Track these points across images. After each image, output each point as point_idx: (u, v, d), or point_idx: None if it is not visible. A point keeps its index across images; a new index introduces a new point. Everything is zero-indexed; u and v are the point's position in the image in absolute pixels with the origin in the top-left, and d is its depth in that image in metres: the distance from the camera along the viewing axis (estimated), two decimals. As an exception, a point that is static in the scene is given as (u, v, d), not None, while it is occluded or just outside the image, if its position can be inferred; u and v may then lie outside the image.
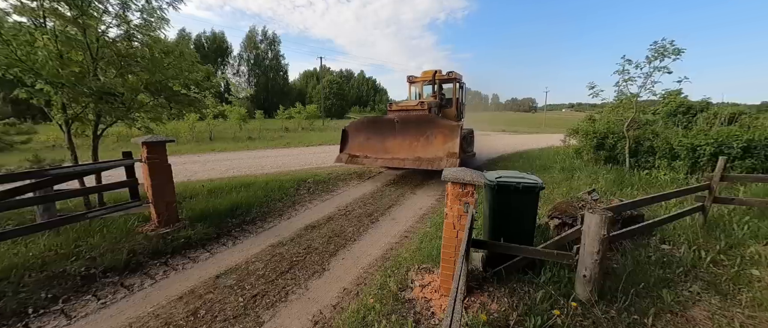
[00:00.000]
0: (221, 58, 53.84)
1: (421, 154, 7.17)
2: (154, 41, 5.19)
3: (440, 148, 7.07)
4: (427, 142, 7.29)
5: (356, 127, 8.20)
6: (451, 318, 1.40)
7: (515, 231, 3.65)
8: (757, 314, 2.88)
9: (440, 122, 7.39)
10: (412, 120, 7.63)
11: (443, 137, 7.12)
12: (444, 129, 7.20)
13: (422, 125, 7.48)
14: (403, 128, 7.65)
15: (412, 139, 7.48)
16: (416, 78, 10.48)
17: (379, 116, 8.27)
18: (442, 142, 7.12)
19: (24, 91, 4.48)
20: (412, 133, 7.53)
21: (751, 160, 6.72)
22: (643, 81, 7.77)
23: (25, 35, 4.25)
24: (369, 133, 8.01)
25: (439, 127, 7.30)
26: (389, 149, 7.62)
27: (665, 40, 7.24)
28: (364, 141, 8.00)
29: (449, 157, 6.74)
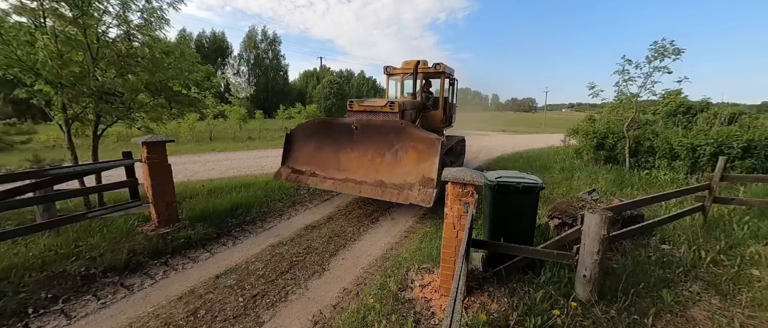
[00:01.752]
0: (221, 58, 53.89)
1: (386, 176, 4.98)
2: (154, 41, 5.19)
3: (412, 171, 4.85)
4: (395, 160, 5.03)
5: (306, 132, 5.83)
6: (451, 318, 1.40)
7: (515, 231, 3.65)
8: (757, 314, 2.88)
9: (414, 133, 4.96)
10: (377, 127, 5.28)
11: (417, 155, 4.89)
12: (419, 143, 4.91)
13: (390, 135, 5.12)
14: (363, 137, 5.31)
15: (375, 153, 5.22)
16: (395, 70, 8.04)
17: (337, 119, 5.81)
18: (414, 161, 4.89)
19: (24, 91, 4.49)
20: (375, 146, 5.23)
21: (751, 161, 6.73)
22: (643, 81, 7.79)
23: (26, 35, 4.25)
24: (321, 141, 5.70)
25: (412, 139, 4.96)
26: (344, 166, 5.39)
27: (665, 40, 7.25)
28: (313, 151, 5.73)
29: (423, 186, 4.61)
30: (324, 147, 5.65)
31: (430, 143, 4.77)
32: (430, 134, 4.81)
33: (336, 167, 5.42)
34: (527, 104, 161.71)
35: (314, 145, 5.76)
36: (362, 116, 6.08)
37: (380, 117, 5.94)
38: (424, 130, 4.93)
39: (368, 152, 5.25)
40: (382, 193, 4.82)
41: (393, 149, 5.08)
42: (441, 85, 8.07)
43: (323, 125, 5.77)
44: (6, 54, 4.03)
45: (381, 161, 5.12)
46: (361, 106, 6.24)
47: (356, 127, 5.30)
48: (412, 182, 4.73)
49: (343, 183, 5.16)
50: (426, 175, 4.67)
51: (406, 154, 4.98)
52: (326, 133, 5.66)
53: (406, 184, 4.77)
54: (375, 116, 6.02)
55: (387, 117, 5.88)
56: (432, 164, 4.66)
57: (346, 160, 5.40)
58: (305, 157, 5.77)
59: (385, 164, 5.09)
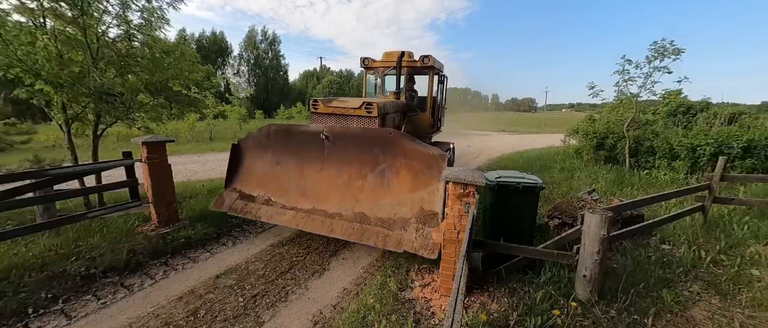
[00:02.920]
0: (221, 59, 53.90)
1: (368, 208, 3.62)
2: (154, 41, 5.19)
3: (405, 201, 3.53)
4: (381, 184, 3.69)
5: (259, 142, 4.41)
6: (451, 318, 1.40)
7: (515, 231, 3.66)
8: (757, 314, 2.88)
9: (408, 147, 3.62)
10: (356, 137, 3.94)
11: (412, 177, 3.57)
12: (415, 161, 3.56)
13: (373, 149, 3.78)
14: (337, 151, 3.95)
15: (354, 173, 3.87)
16: (374, 62, 6.67)
17: (301, 125, 4.47)
18: (408, 187, 3.57)
19: (24, 91, 4.49)
20: (353, 163, 3.89)
21: (751, 160, 6.73)
22: (643, 81, 7.79)
23: (26, 35, 4.25)
24: (280, 155, 4.28)
25: (404, 155, 3.62)
26: (311, 190, 3.98)
27: (665, 40, 7.25)
28: (269, 168, 4.32)
29: (422, 224, 3.32)
30: (284, 163, 4.17)
31: (432, 161, 3.30)
32: (431, 149, 3.40)
33: (300, 192, 3.92)
34: (527, 104, 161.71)
35: (271, 160, 4.25)
36: (331, 122, 4.73)
37: (355, 123, 4.58)
38: (422, 143, 3.50)
39: (344, 172, 3.80)
40: (362, 233, 3.33)
41: (378, 169, 3.57)
42: (429, 83, 6.59)
43: (282, 133, 4.19)
44: (6, 54, 4.03)
45: (361, 186, 3.63)
46: (329, 108, 4.70)
47: (327, 136, 3.73)
48: (407, 216, 3.32)
49: (309, 216, 3.69)
50: (426, 207, 3.23)
51: (396, 176, 3.51)
52: (287, 145, 4.16)
53: (397, 220, 3.31)
54: (347, 122, 4.64)
55: (362, 123, 4.53)
56: (435, 191, 3.20)
57: (314, 181, 3.92)
58: (259, 176, 4.23)
59: (367, 190, 3.61)
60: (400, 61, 5.71)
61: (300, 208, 3.88)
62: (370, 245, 3.35)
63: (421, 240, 3.22)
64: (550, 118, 59.10)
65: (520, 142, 18.41)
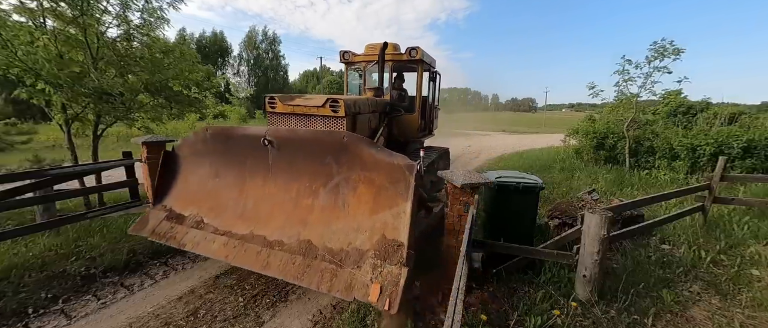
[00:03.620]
0: (221, 59, 53.90)
1: (317, 235, 2.79)
2: (153, 41, 5.19)
3: (363, 225, 2.66)
4: (335, 202, 2.86)
5: (195, 149, 3.54)
6: (452, 318, 1.41)
7: (515, 231, 3.66)
8: (757, 314, 2.88)
9: (368, 154, 2.69)
10: (305, 143, 3.01)
11: (373, 195, 2.69)
12: (376, 173, 2.69)
13: (325, 158, 2.90)
14: (284, 160, 3.08)
15: (303, 189, 3.01)
16: (356, 56, 5.88)
17: (242, 127, 3.49)
18: (368, 207, 2.70)
19: (24, 91, 4.49)
20: (302, 176, 3.02)
21: (751, 161, 6.73)
22: (643, 81, 7.80)
23: (26, 36, 4.26)
24: (218, 164, 3.42)
25: (363, 165, 2.74)
26: (252, 210, 3.14)
27: (665, 40, 7.25)
28: (206, 181, 3.44)
29: (382, 259, 2.44)
30: (224, 175, 3.33)
31: (397, 174, 2.48)
32: (397, 157, 2.52)
33: (239, 211, 3.11)
34: (527, 104, 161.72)
35: (209, 171, 3.40)
36: (292, 124, 4.01)
37: (319, 125, 3.87)
38: (386, 150, 2.64)
39: (291, 187, 2.98)
40: (304, 270, 2.57)
41: (332, 183, 2.79)
42: (418, 79, 5.76)
43: (221, 138, 3.32)
44: (6, 54, 4.04)
45: (311, 205, 2.85)
46: (288, 107, 3.96)
47: (269, 141, 2.90)
48: (364, 247, 2.51)
49: (242, 245, 2.87)
50: (389, 235, 2.43)
51: (353, 192, 2.71)
52: (227, 152, 3.30)
53: (351, 252, 2.53)
54: (310, 123, 3.92)
55: (328, 125, 3.81)
56: (400, 213, 2.42)
57: (256, 198, 3.12)
58: (194, 191, 3.41)
59: (318, 210, 2.81)
60: (382, 54, 4.96)
61: (235, 233, 2.96)
62: (312, 288, 2.48)
63: (377, 285, 2.30)
64: (550, 119, 59.12)
65: (520, 143, 18.41)
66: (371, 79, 6.13)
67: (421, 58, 5.45)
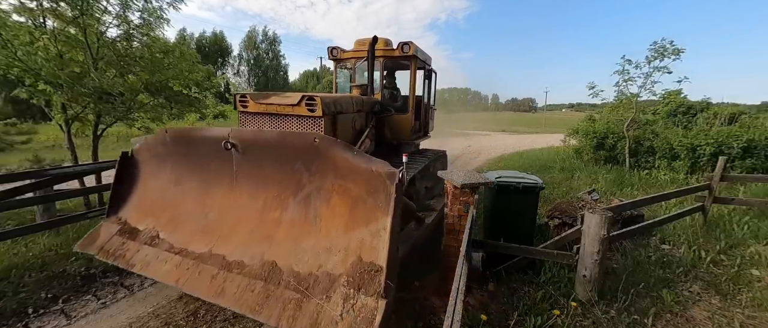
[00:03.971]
0: (221, 59, 53.90)
1: (283, 255, 2.34)
2: (153, 41, 5.20)
3: (336, 244, 2.23)
4: (305, 216, 2.44)
5: (155, 152, 3.13)
6: (451, 318, 1.41)
7: (515, 231, 3.66)
8: (757, 314, 2.88)
9: (342, 159, 2.25)
10: (271, 146, 2.57)
11: (348, 207, 2.27)
12: (352, 182, 2.26)
13: (294, 164, 2.48)
14: (249, 165, 2.68)
15: (271, 200, 2.61)
16: (344, 53, 5.46)
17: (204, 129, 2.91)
18: (342, 222, 2.27)
19: (24, 91, 4.50)
20: (270, 184, 2.63)
21: (751, 161, 6.73)
22: (643, 81, 7.80)
23: (26, 36, 4.26)
24: (180, 171, 3.04)
25: (337, 173, 2.32)
26: (212, 224, 2.74)
27: (665, 40, 7.26)
28: (166, 189, 3.07)
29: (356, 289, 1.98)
30: (185, 182, 2.94)
31: (376, 183, 2.11)
32: (376, 164, 2.13)
33: (200, 225, 2.73)
34: (527, 104, 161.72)
35: (169, 177, 3.01)
36: (265, 124, 3.61)
37: (294, 126, 3.46)
38: (364, 155, 2.25)
39: (258, 197, 2.63)
40: (264, 299, 2.19)
41: (302, 193, 2.44)
42: (411, 77, 5.33)
43: (182, 140, 2.92)
44: (6, 54, 4.04)
45: (279, 218, 2.50)
46: (261, 105, 3.55)
47: (233, 145, 2.54)
48: (336, 271, 2.12)
49: (197, 266, 2.46)
50: (366, 257, 2.06)
51: (326, 204, 2.36)
52: (188, 157, 2.91)
53: (321, 277, 2.13)
54: (285, 124, 3.51)
55: (304, 125, 3.41)
56: (380, 230, 2.06)
57: (219, 210, 2.74)
58: (153, 200, 3.00)
59: (286, 225, 2.46)
60: (372, 49, 4.57)
61: (191, 251, 2.56)
62: (270, 324, 2.07)
63: (351, 320, 1.89)
64: (550, 119, 59.12)
65: (520, 143, 18.42)
66: (362, 78, 5.58)
67: (415, 54, 5.02)
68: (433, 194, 5.30)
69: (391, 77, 5.76)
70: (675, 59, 7.19)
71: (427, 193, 5.00)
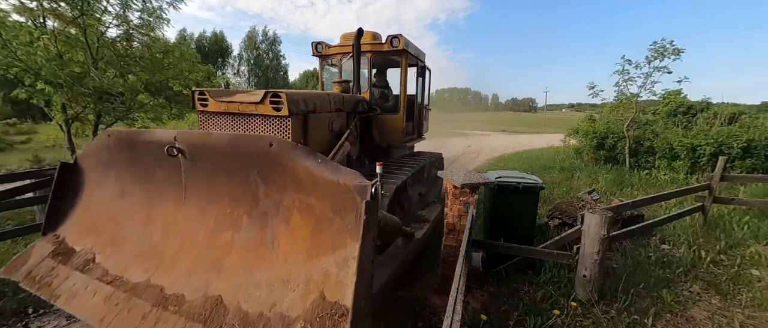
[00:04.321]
0: (221, 59, 53.92)
1: (231, 288, 1.88)
2: (153, 41, 5.20)
3: (296, 275, 1.77)
4: (261, 237, 1.97)
5: (99, 159, 2.62)
6: (451, 318, 1.41)
7: (515, 231, 3.66)
8: (757, 314, 2.88)
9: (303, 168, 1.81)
10: (218, 152, 2.11)
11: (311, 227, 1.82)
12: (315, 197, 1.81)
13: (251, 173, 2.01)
14: (201, 176, 2.20)
15: (223, 217, 2.13)
16: (330, 48, 5.02)
17: (149, 131, 2.42)
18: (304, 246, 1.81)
19: (24, 91, 4.50)
20: (222, 198, 2.15)
21: (751, 161, 6.74)
22: (643, 81, 7.81)
23: (26, 36, 4.26)
24: (126, 179, 2.52)
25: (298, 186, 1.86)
26: (155, 246, 2.25)
27: (665, 40, 7.26)
28: (111, 202, 2.55)
29: None
30: (130, 194, 2.54)
31: (344, 199, 1.73)
32: (344, 173, 1.77)
33: (141, 246, 2.32)
34: (527, 104, 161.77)
35: (114, 188, 2.59)
36: (227, 126, 3.18)
37: (259, 127, 3.02)
38: (330, 164, 1.87)
39: (209, 213, 2.22)
40: None
41: (258, 209, 2.06)
42: (402, 73, 4.91)
43: (126, 145, 2.50)
44: (6, 54, 4.04)
45: (231, 241, 2.10)
46: (222, 104, 3.11)
47: (179, 150, 2.18)
48: (293, 313, 1.70)
49: (128, 302, 2.03)
50: (330, 295, 1.64)
51: (286, 224, 1.97)
52: (133, 164, 2.50)
53: (273, 321, 1.73)
54: (249, 125, 3.08)
55: (270, 127, 2.99)
56: (348, 258, 1.65)
57: (165, 228, 2.35)
58: (96, 214, 2.58)
59: (239, 249, 2.05)
60: (357, 42, 4.14)
61: (127, 280, 2.13)
62: None
63: None
64: (550, 119, 59.13)
65: (520, 143, 18.42)
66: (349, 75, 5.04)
67: (405, 49, 4.57)
68: (428, 201, 4.89)
69: (382, 75, 5.39)
70: (675, 59, 7.19)
71: (420, 200, 4.63)
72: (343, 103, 3.78)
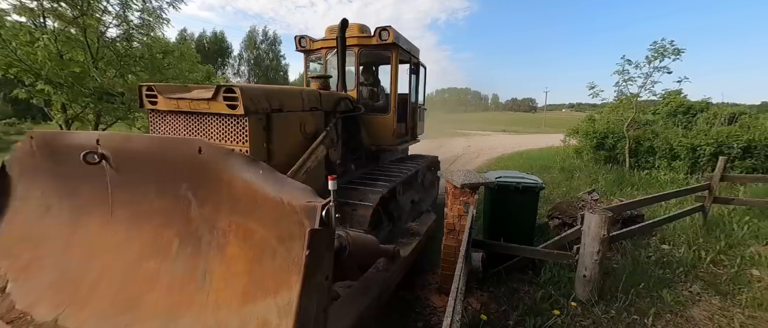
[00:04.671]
0: (221, 59, 53.99)
1: None
2: (153, 41, 5.20)
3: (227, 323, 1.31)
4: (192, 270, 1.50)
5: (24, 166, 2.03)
6: (451, 318, 1.41)
7: (515, 231, 3.66)
8: (757, 314, 2.88)
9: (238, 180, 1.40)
10: (146, 157, 1.69)
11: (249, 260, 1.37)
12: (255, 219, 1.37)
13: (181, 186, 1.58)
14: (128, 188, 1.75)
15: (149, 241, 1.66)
16: (314, 42, 4.60)
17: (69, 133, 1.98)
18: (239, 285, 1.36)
19: (24, 91, 4.50)
20: (152, 216, 1.69)
21: (751, 161, 6.74)
22: (643, 81, 7.81)
23: (26, 35, 4.27)
24: (52, 190, 1.96)
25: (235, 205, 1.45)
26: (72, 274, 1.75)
27: (665, 40, 7.26)
28: (38, 217, 1.96)
29: None
30: (55, 208, 2.06)
31: (288, 224, 1.25)
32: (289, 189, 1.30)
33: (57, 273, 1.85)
34: (527, 104, 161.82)
35: (39, 201, 2.12)
36: (180, 127, 2.72)
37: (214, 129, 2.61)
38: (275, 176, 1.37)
39: (136, 235, 1.76)
40: None
41: (190, 234, 1.60)
42: (392, 69, 4.47)
43: (48, 150, 2.03)
44: (6, 54, 4.05)
45: (157, 271, 1.62)
46: (172, 102, 2.67)
47: (100, 156, 1.76)
48: None
49: None
50: None
51: (221, 254, 1.49)
52: (56, 173, 2.04)
53: None
54: (203, 126, 2.66)
55: (224, 129, 2.57)
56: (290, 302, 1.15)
57: (87, 251, 1.87)
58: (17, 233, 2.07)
59: (164, 285, 1.57)
60: (342, 34, 3.77)
61: (32, 319, 1.75)
62: None
63: None
64: (550, 119, 59.16)
65: (520, 143, 18.42)
66: None
67: (395, 42, 4.16)
68: (422, 209, 4.48)
69: (369, 72, 4.92)
70: (675, 59, 7.20)
71: (412, 209, 4.26)
72: (320, 101, 3.28)
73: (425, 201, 4.84)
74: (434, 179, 5.67)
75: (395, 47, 4.29)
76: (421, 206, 4.61)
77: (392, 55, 4.39)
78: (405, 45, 4.49)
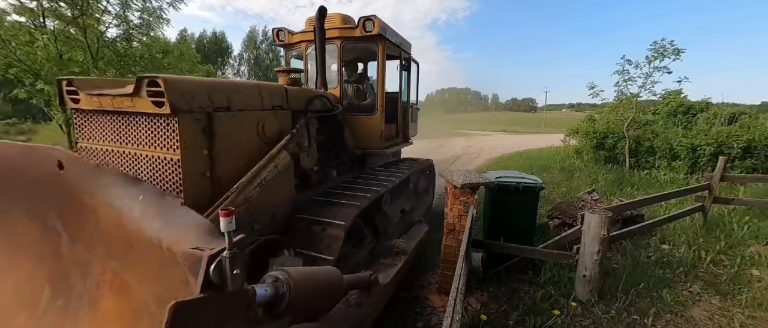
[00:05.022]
0: (221, 59, 53.99)
1: None
2: (153, 41, 5.20)
3: None
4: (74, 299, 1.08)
5: None
6: (451, 318, 1.41)
7: (515, 231, 3.66)
8: (757, 314, 2.87)
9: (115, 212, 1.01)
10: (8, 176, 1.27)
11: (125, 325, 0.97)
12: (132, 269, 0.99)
13: (49, 214, 1.18)
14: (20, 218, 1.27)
15: (21, 287, 1.21)
16: (293, 35, 4.14)
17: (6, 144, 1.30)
18: None
19: (23, 91, 4.50)
20: (24, 250, 1.24)
21: (751, 161, 6.74)
22: (643, 81, 7.80)
23: (25, 35, 4.27)
24: None
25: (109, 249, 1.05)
26: None
27: (665, 40, 7.26)
28: None
29: None
30: None
31: (170, 276, 0.89)
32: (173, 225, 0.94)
33: None
34: (527, 104, 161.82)
35: None
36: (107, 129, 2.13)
37: (141, 130, 1.99)
38: (161, 205, 1.00)
39: (6, 277, 1.28)
40: None
41: (61, 277, 1.15)
42: (378, 63, 4.02)
43: None
44: (5, 54, 4.05)
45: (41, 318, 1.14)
46: (94, 99, 2.07)
47: None
48: None
49: None
50: None
51: (93, 311, 1.05)
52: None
53: None
54: (131, 127, 2.04)
55: (153, 131, 1.95)
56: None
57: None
58: None
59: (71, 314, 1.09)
60: (321, 24, 3.35)
61: None
62: None
63: None
64: (550, 119, 59.15)
65: (520, 143, 18.41)
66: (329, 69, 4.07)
67: (381, 34, 3.69)
68: (413, 219, 4.05)
69: (351, 68, 4.49)
70: (675, 59, 7.19)
71: (402, 220, 3.84)
72: (287, 98, 2.71)
73: (418, 210, 4.39)
74: (428, 185, 5.15)
75: (381, 39, 3.84)
76: (413, 215, 4.18)
77: (378, 49, 3.93)
78: (393, 38, 4.05)
